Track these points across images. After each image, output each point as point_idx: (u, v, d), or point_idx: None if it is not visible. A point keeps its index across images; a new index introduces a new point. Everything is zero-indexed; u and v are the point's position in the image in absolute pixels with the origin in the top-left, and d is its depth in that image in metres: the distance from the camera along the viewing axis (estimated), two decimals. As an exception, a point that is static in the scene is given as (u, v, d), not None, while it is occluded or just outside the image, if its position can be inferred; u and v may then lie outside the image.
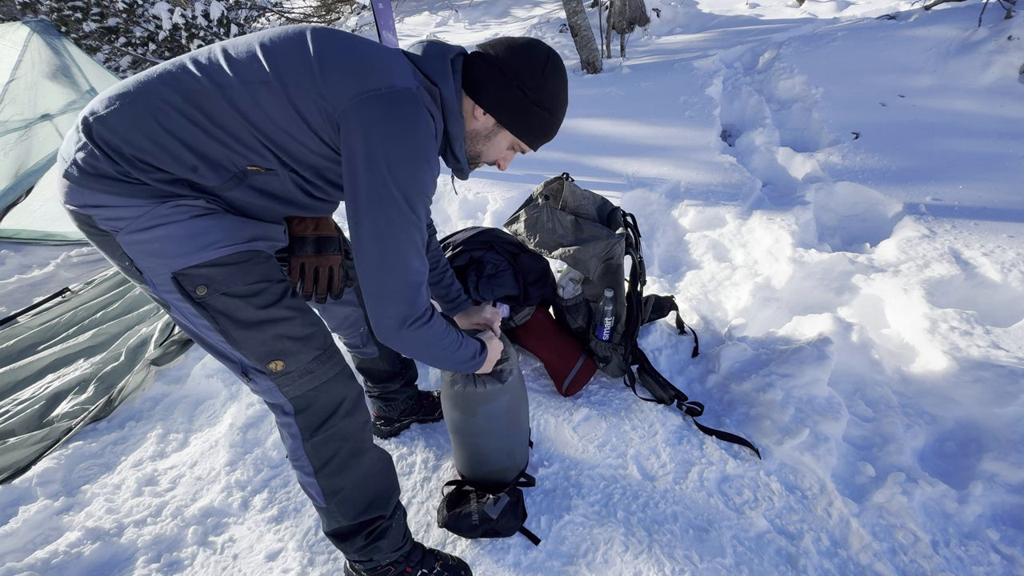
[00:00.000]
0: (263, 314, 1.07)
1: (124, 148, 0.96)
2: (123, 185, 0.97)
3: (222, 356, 1.12)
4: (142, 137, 0.96)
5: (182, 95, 0.98)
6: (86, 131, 0.98)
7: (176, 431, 1.98)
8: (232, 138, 1.00)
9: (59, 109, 2.19)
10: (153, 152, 0.97)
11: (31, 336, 2.48)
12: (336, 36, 1.05)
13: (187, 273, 1.01)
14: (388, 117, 0.98)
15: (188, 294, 1.02)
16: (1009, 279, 2.27)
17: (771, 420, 1.71)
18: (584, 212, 2.03)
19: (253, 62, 0.99)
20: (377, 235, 1.01)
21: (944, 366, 1.90)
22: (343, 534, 1.25)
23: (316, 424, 1.15)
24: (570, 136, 4.54)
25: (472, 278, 2.08)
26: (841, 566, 1.37)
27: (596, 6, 8.41)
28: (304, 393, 1.13)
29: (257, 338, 1.07)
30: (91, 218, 0.99)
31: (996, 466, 1.59)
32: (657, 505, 1.53)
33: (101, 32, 7.84)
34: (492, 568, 1.41)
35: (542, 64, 1.12)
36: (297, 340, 1.10)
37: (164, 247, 1.00)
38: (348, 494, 1.21)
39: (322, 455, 1.17)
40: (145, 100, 0.98)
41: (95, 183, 0.97)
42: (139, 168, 0.97)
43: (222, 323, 1.05)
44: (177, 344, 2.31)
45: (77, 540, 1.55)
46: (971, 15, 4.57)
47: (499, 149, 1.22)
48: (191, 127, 0.98)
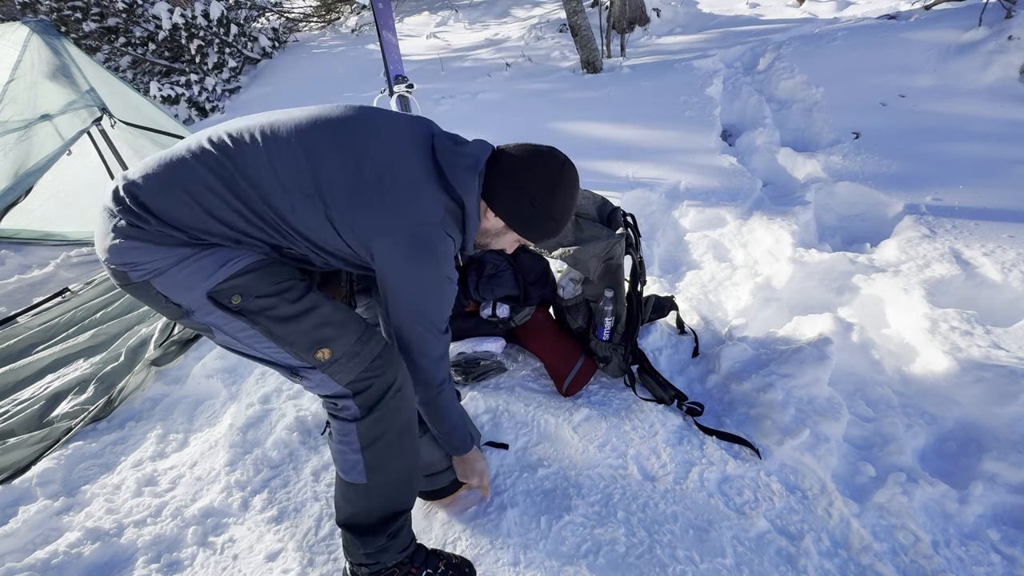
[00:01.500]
0: (297, 307, 1.14)
1: (168, 219, 1.06)
2: (161, 237, 1.07)
3: (271, 363, 1.19)
4: (185, 216, 1.06)
5: (222, 181, 1.07)
6: (132, 198, 1.06)
7: (176, 431, 1.98)
8: (272, 229, 1.11)
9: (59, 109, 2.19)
10: (197, 227, 1.08)
11: (31, 336, 2.48)
12: (377, 151, 1.13)
13: (219, 289, 1.09)
14: (412, 256, 1.13)
15: (226, 307, 1.10)
16: (1009, 279, 2.27)
17: (771, 420, 1.71)
18: (584, 212, 2.03)
19: (295, 169, 1.09)
20: (409, 341, 1.23)
21: (944, 366, 1.90)
22: (365, 527, 1.25)
23: (374, 401, 1.18)
24: (570, 136, 4.54)
25: (472, 278, 2.08)
26: (842, 566, 1.36)
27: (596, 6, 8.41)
28: (358, 376, 1.17)
29: (299, 329, 1.13)
30: (127, 274, 1.08)
31: (997, 466, 1.59)
32: (657, 505, 1.53)
33: (101, 32, 7.84)
34: (492, 568, 1.40)
35: (555, 181, 1.22)
36: (336, 325, 1.16)
37: (193, 276, 1.08)
38: (390, 474, 1.24)
39: (374, 432, 1.20)
40: (186, 181, 1.07)
41: (136, 236, 1.06)
42: (180, 232, 1.07)
43: (263, 324, 1.12)
44: (177, 344, 2.31)
45: (77, 540, 1.55)
46: (971, 15, 4.56)
47: (506, 243, 1.36)
48: (233, 214, 1.08)
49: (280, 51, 9.20)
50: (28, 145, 2.04)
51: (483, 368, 2.03)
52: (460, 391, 1.95)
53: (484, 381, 2.03)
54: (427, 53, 8.08)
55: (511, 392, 1.97)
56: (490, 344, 2.08)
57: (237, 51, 8.40)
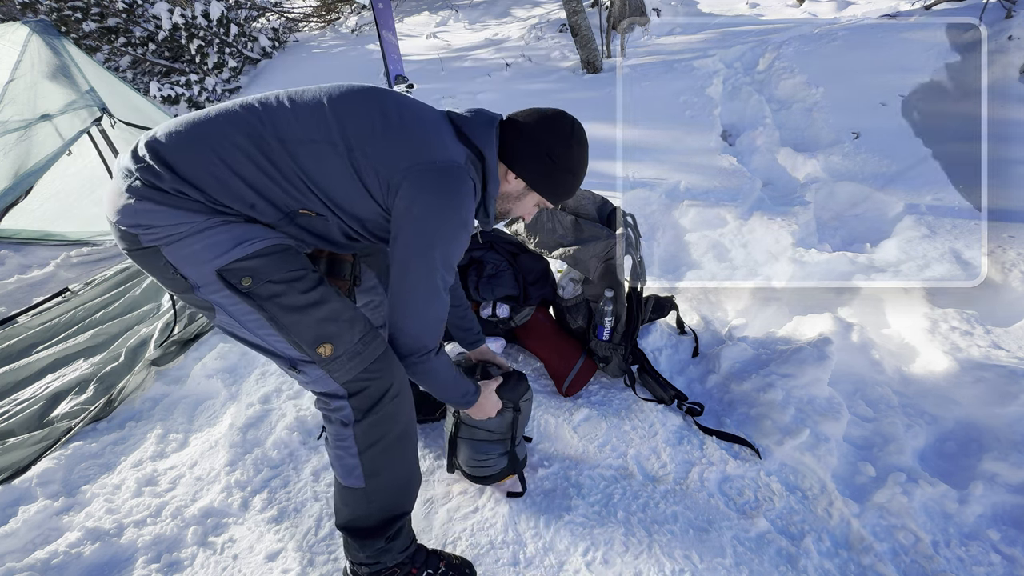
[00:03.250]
0: (307, 298, 1.12)
1: (187, 175, 1.04)
2: (176, 199, 1.04)
3: (270, 354, 1.17)
4: (205, 173, 1.05)
5: (249, 138, 1.06)
6: (152, 153, 1.04)
7: (176, 431, 1.97)
8: (292, 186, 1.10)
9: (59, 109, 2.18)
10: (214, 187, 1.05)
11: (31, 336, 2.48)
12: (400, 103, 1.16)
13: (231, 268, 1.07)
14: (438, 189, 1.11)
15: (235, 287, 1.07)
16: (1009, 279, 2.27)
17: (771, 420, 1.71)
18: (584, 212, 2.03)
19: (321, 121, 1.10)
20: (413, 284, 1.15)
21: (945, 366, 1.90)
22: (365, 530, 1.25)
23: (369, 405, 1.17)
24: (570, 136, 4.53)
25: (472, 278, 2.08)
26: (842, 566, 1.36)
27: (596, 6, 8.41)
28: (356, 376, 1.16)
29: (304, 321, 1.12)
30: (137, 237, 1.05)
31: (997, 466, 1.59)
32: (657, 505, 1.53)
33: (101, 32, 7.83)
34: (492, 568, 1.40)
35: (568, 134, 1.24)
36: (342, 322, 1.15)
37: (205, 251, 1.06)
38: (388, 478, 1.23)
39: (371, 436, 1.19)
40: (212, 137, 1.06)
41: (151, 197, 1.03)
42: (197, 191, 1.05)
43: (270, 310, 1.10)
44: (177, 344, 2.31)
45: (77, 540, 1.55)
46: (971, 15, 4.56)
47: (526, 207, 1.35)
48: (255, 170, 1.07)
49: (280, 51, 9.20)
50: (28, 145, 2.03)
51: (483, 368, 2.03)
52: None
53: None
54: (427, 53, 8.08)
55: (511, 392, 1.97)
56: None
57: (237, 51, 8.40)
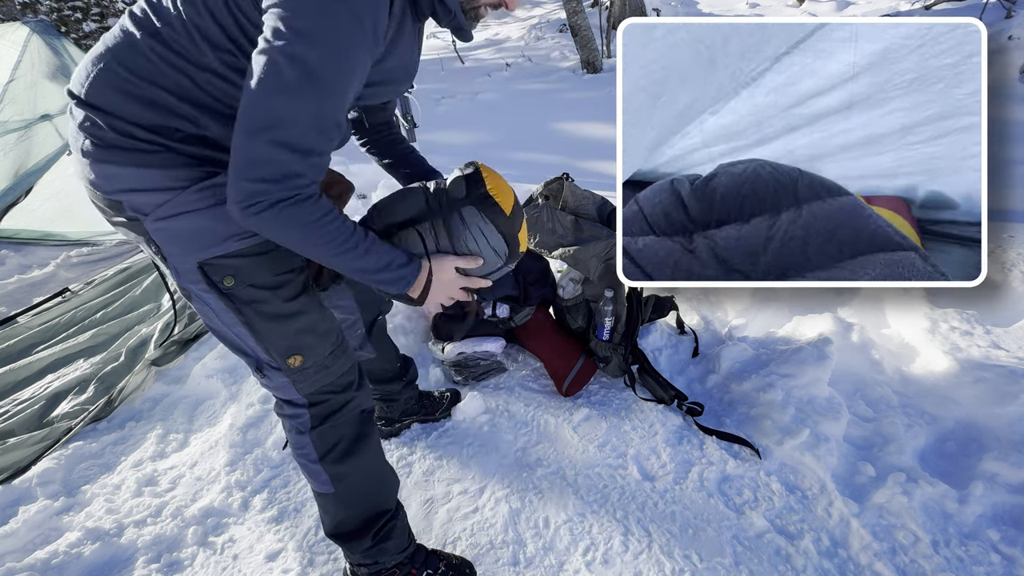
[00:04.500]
0: (288, 307, 1.05)
1: (119, 112, 0.91)
2: (143, 156, 0.91)
3: (238, 350, 1.11)
4: (132, 101, 0.91)
5: (146, 32, 0.92)
6: (81, 106, 0.93)
7: (176, 431, 1.98)
8: (199, 67, 0.91)
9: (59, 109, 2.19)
10: (149, 116, 0.92)
11: (31, 336, 2.48)
12: None
13: (213, 263, 0.98)
14: None
15: (215, 285, 0.99)
16: (1009, 279, 2.27)
17: (771, 420, 1.71)
18: (584, 212, 2.03)
19: None
20: (270, 88, 0.83)
21: (944, 366, 1.90)
22: (349, 533, 1.24)
23: (327, 414, 1.16)
24: (570, 136, 4.54)
25: (472, 278, 2.08)
26: (841, 566, 1.36)
27: (596, 6, 8.41)
28: (319, 389, 1.14)
29: (280, 331, 1.06)
30: (121, 204, 0.95)
31: (997, 466, 1.59)
32: (657, 505, 1.53)
33: (101, 32, 7.84)
34: (492, 568, 1.41)
35: None
36: (316, 335, 1.10)
37: (190, 236, 0.96)
38: (356, 479, 1.22)
39: (327, 441, 1.18)
40: (120, 57, 0.92)
41: (114, 156, 0.92)
42: (132, 126, 0.91)
43: (248, 315, 1.02)
44: (177, 344, 2.31)
45: (77, 540, 1.55)
46: (971, 15, 4.57)
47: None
48: (168, 70, 0.91)
49: (280, 51, 9.20)
50: (28, 145, 2.04)
51: (483, 368, 2.04)
52: (460, 391, 1.95)
53: (484, 381, 2.03)
54: (427, 53, 8.08)
55: (511, 392, 1.97)
56: (490, 344, 2.09)
57: (237, 51, 8.40)
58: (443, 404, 1.89)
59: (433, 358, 2.16)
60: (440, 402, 1.89)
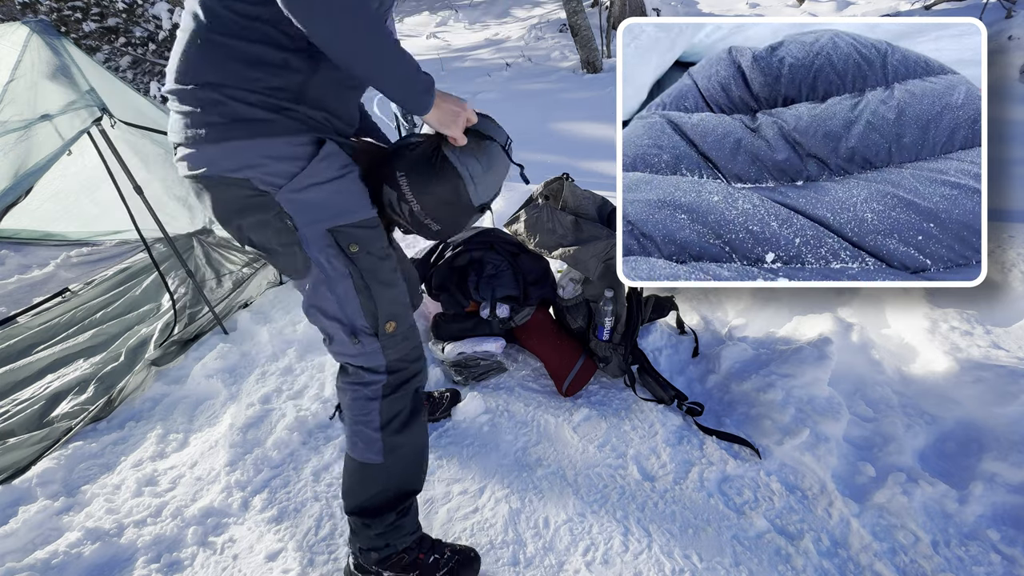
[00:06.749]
0: (392, 277, 1.18)
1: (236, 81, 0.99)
2: (265, 125, 1.01)
3: (334, 318, 1.16)
4: (240, 65, 0.99)
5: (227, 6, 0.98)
6: (192, 90, 1.00)
7: (176, 431, 1.98)
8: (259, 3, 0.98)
9: (59, 109, 2.18)
10: (258, 76, 1.00)
11: (31, 336, 2.49)
12: None
13: (342, 230, 1.10)
14: None
15: (343, 249, 1.10)
16: (1009, 279, 2.27)
17: (771, 420, 1.71)
18: (584, 212, 2.03)
19: None
20: None
21: (944, 366, 1.90)
22: (378, 507, 1.25)
23: (399, 383, 1.22)
24: (570, 136, 4.54)
25: (472, 278, 2.08)
26: (841, 566, 1.36)
27: (596, 6, 8.41)
28: (402, 356, 1.21)
29: (387, 297, 1.16)
30: (249, 180, 1.03)
31: (997, 466, 1.59)
32: (657, 505, 1.53)
33: (101, 32, 7.83)
34: (492, 568, 1.41)
35: None
36: (404, 305, 1.22)
37: (320, 206, 1.08)
38: (404, 452, 1.25)
39: (392, 409, 1.22)
40: (213, 27, 0.99)
41: (237, 130, 1.00)
42: (260, 94, 1.00)
43: (367, 279, 1.13)
44: (177, 344, 2.31)
45: (77, 540, 1.55)
46: (971, 15, 4.57)
47: None
48: (248, 23, 0.98)
49: (280, 51, 9.20)
50: (28, 145, 2.03)
51: (483, 368, 2.04)
52: (460, 391, 1.96)
53: (484, 381, 2.03)
54: (427, 53, 8.08)
55: (511, 392, 1.97)
56: (490, 344, 2.09)
57: (237, 51, 8.40)
58: (443, 404, 1.89)
59: (433, 358, 2.16)
60: (440, 402, 1.89)
